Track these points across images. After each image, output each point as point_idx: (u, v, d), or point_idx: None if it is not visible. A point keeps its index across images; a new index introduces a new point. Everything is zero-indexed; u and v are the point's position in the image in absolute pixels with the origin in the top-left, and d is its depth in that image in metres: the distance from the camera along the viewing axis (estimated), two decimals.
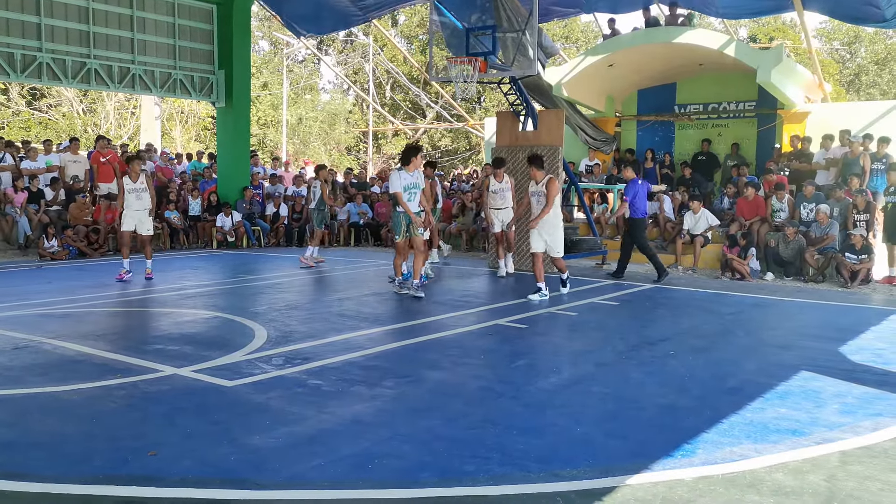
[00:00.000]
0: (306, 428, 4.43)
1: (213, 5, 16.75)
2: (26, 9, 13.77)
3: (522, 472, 3.79)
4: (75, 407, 4.77)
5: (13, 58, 13.59)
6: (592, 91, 16.57)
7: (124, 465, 3.81)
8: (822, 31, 41.97)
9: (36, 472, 3.72)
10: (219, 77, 16.85)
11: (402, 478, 3.72)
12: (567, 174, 12.67)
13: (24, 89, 30.90)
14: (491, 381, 5.53)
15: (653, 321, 8.09)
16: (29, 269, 11.86)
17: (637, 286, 10.65)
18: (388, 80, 40.22)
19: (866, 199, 11.86)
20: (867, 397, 5.24)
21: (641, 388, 5.37)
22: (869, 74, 41.01)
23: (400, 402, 5.00)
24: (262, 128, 37.36)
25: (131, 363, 5.84)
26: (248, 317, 7.83)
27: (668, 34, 14.87)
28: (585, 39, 40.16)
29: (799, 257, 11.70)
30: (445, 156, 39.49)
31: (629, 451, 4.10)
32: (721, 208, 13.95)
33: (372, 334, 7.15)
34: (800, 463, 3.99)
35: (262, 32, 40.01)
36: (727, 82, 16.04)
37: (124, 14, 15.24)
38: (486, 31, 11.56)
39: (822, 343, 7.04)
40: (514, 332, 7.39)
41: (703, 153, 16.07)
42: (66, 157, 15.28)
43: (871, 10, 14.16)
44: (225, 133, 17.20)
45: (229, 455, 3.96)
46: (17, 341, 6.55)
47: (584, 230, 14.30)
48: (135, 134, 30.14)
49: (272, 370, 5.70)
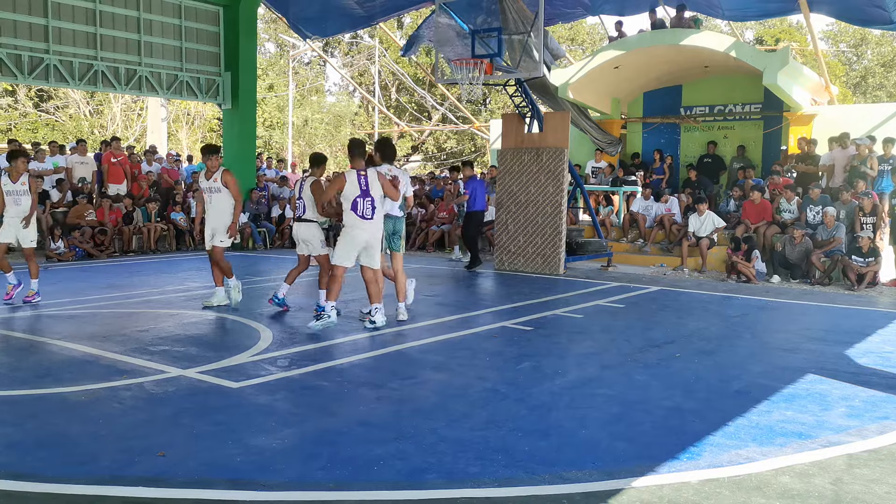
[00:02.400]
0: (311, 429, 4.43)
1: (219, 7, 16.79)
2: (34, 11, 13.83)
3: (528, 474, 3.79)
4: (82, 408, 4.78)
5: (21, 60, 13.64)
6: (598, 93, 16.56)
7: (130, 466, 3.82)
8: (828, 33, 41.87)
9: (42, 472, 3.74)
10: (225, 79, 16.89)
11: (406, 479, 3.72)
12: (573, 176, 12.67)
13: (31, 91, 31.01)
14: (496, 383, 5.52)
15: (658, 323, 8.07)
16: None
17: (642, 289, 10.63)
18: (393, 82, 40.25)
19: (873, 202, 11.83)
20: (874, 400, 5.22)
21: (647, 391, 5.36)
22: (875, 77, 40.89)
23: (405, 403, 5.00)
24: (268, 129, 37.43)
25: (137, 364, 5.86)
26: (253, 318, 7.84)
27: (674, 36, 14.86)
28: (591, 41, 40.13)
29: (805, 260, 11.67)
30: (451, 157, 39.48)
31: (635, 454, 4.09)
32: (727, 211, 13.92)
33: (377, 336, 7.15)
34: (806, 466, 3.97)
35: (268, 34, 40.09)
36: (733, 84, 16.02)
37: (131, 16, 15.28)
38: (492, 34, 11.57)
39: (828, 346, 7.01)
40: (519, 334, 7.38)
41: (709, 155, 16.04)
42: (74, 159, 15.36)
43: (878, 11, 14.13)
44: (231, 134, 17.23)
45: (235, 456, 3.97)
46: (24, 342, 6.57)
47: (589, 232, 14.29)
48: (141, 135, 30.23)
49: (277, 372, 5.70)
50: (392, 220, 7.74)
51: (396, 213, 7.79)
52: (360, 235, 7.19)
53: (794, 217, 12.49)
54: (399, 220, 7.85)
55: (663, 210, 14.20)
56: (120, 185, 15.48)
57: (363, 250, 7.28)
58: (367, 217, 7.16)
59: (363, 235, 7.20)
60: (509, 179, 12.56)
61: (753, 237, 12.33)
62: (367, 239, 7.24)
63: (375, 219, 7.26)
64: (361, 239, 7.21)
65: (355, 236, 7.19)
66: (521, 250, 12.44)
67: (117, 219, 14.61)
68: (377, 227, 7.33)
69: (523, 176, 12.35)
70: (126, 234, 14.66)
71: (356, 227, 7.17)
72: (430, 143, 40.05)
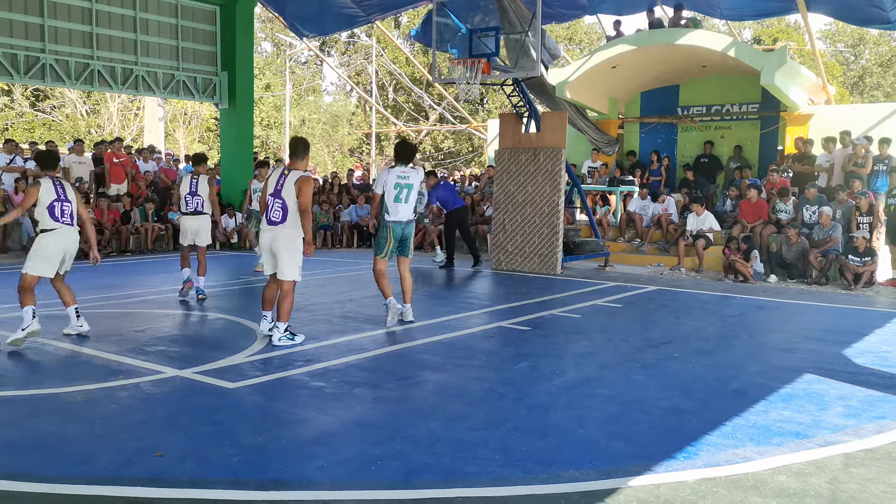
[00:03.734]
0: (309, 429, 4.43)
1: (216, 7, 16.77)
2: (30, 10, 13.80)
3: (525, 474, 3.79)
4: (78, 408, 4.77)
5: (17, 59, 13.61)
6: (595, 93, 16.56)
7: (127, 466, 3.81)
8: (826, 32, 41.96)
9: (39, 472, 3.73)
10: (222, 78, 16.87)
11: (404, 479, 3.71)
12: (570, 176, 12.67)
13: (27, 90, 30.96)
14: (493, 383, 5.52)
15: (656, 323, 8.08)
16: None
17: (640, 288, 10.64)
18: (390, 81, 40.25)
19: (869, 202, 11.84)
20: (871, 400, 5.23)
21: (644, 391, 5.37)
22: (873, 76, 40.99)
23: (402, 403, 5.00)
24: (265, 129, 37.41)
25: (134, 365, 5.85)
26: (250, 318, 7.83)
27: (672, 36, 14.86)
28: (589, 41, 40.16)
29: (802, 259, 11.69)
30: (448, 157, 39.49)
31: (632, 453, 4.10)
32: (723, 210, 13.94)
33: (374, 336, 7.15)
34: (803, 465, 3.98)
35: (265, 34, 40.09)
36: (730, 84, 16.02)
37: (127, 15, 15.26)
38: (490, 33, 11.56)
39: (825, 345, 7.02)
40: (516, 334, 7.38)
41: (706, 155, 16.05)
42: (71, 159, 15.36)
43: (876, 11, 14.15)
44: (228, 134, 17.22)
45: (232, 456, 3.97)
46: (21, 342, 6.55)
47: (586, 232, 14.30)
48: (138, 135, 30.19)
49: (274, 372, 5.70)
50: (401, 225, 7.51)
51: (408, 217, 7.56)
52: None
53: (790, 217, 12.50)
54: (408, 224, 7.59)
55: (660, 210, 14.21)
56: (121, 185, 15.55)
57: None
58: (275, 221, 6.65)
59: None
60: (507, 179, 12.56)
61: (751, 237, 12.34)
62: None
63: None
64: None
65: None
66: (519, 250, 12.44)
67: (115, 219, 14.61)
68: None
69: (521, 176, 12.35)
70: (123, 233, 14.65)
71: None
72: (427, 143, 40.03)
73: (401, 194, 7.43)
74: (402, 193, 7.44)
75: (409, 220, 7.59)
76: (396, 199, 7.41)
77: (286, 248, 6.63)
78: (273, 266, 6.76)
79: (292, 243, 6.63)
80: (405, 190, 7.45)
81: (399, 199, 7.42)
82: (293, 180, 6.56)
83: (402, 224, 7.53)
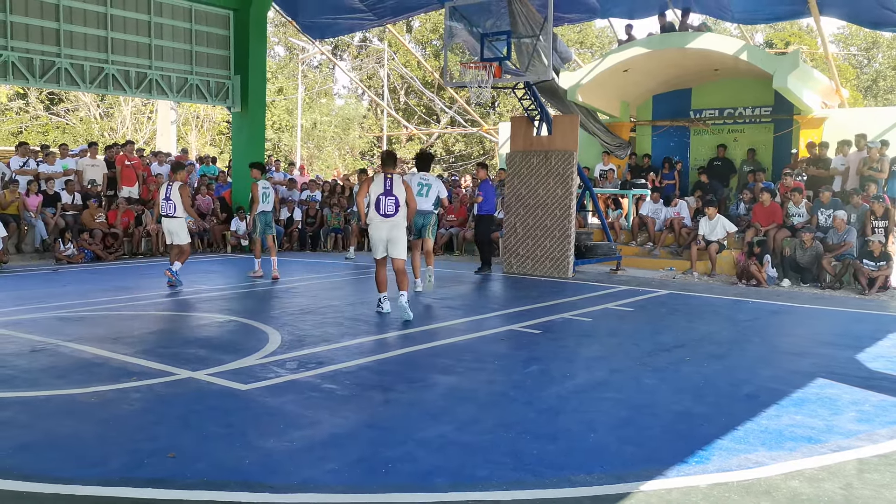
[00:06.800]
0: (320, 432, 4.44)
1: (229, 11, 16.86)
2: (46, 15, 13.92)
3: (536, 478, 3.79)
4: (92, 409, 4.81)
5: (32, 63, 13.73)
6: (607, 96, 16.54)
7: (140, 468, 3.84)
8: (839, 36, 41.68)
9: (53, 473, 3.76)
10: (234, 82, 16.95)
11: (415, 482, 3.72)
12: (581, 179, 12.65)
13: (42, 94, 31.22)
14: (504, 387, 5.52)
15: (668, 327, 8.05)
16: (46, 273, 11.97)
17: (652, 292, 10.61)
18: (402, 85, 40.31)
19: (884, 206, 11.76)
20: (884, 405, 5.19)
21: (655, 395, 5.35)
22: (887, 80, 40.68)
23: (413, 406, 5.01)
24: (277, 132, 37.54)
25: (147, 366, 5.88)
26: (262, 321, 7.86)
27: (684, 39, 14.82)
28: (600, 44, 40.08)
29: (816, 264, 11.62)
30: (459, 160, 39.50)
31: (643, 458, 4.08)
32: (737, 214, 13.88)
33: (385, 339, 7.16)
34: (816, 471, 3.96)
35: (277, 38, 40.21)
36: (743, 88, 15.95)
37: (142, 20, 15.36)
38: (501, 37, 11.57)
39: (838, 350, 6.98)
40: (527, 337, 7.38)
41: (719, 159, 15.98)
42: (84, 162, 15.50)
43: (889, 14, 14.06)
44: (240, 137, 17.28)
45: (244, 458, 3.98)
46: (35, 344, 6.61)
47: (598, 235, 14.26)
48: (151, 138, 30.38)
49: (286, 374, 5.72)
50: (422, 214, 9.56)
51: (426, 208, 9.59)
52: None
53: (804, 221, 12.42)
54: (427, 215, 9.73)
55: (673, 213, 14.17)
56: (132, 188, 15.65)
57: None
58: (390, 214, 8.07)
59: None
60: (518, 182, 12.55)
61: (766, 241, 12.27)
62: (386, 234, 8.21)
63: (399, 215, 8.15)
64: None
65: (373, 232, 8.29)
66: (530, 253, 12.43)
67: (129, 221, 14.71)
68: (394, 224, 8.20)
69: (532, 179, 12.34)
70: (135, 236, 14.74)
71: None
72: (438, 146, 40.06)
73: (422, 191, 9.47)
74: (423, 190, 9.52)
75: (428, 211, 9.63)
76: (419, 194, 9.22)
77: (402, 234, 8.11)
78: (384, 251, 8.13)
79: (403, 230, 8.16)
80: (426, 188, 9.57)
81: (420, 195, 9.28)
82: (399, 182, 8.07)
83: (422, 214, 9.55)
